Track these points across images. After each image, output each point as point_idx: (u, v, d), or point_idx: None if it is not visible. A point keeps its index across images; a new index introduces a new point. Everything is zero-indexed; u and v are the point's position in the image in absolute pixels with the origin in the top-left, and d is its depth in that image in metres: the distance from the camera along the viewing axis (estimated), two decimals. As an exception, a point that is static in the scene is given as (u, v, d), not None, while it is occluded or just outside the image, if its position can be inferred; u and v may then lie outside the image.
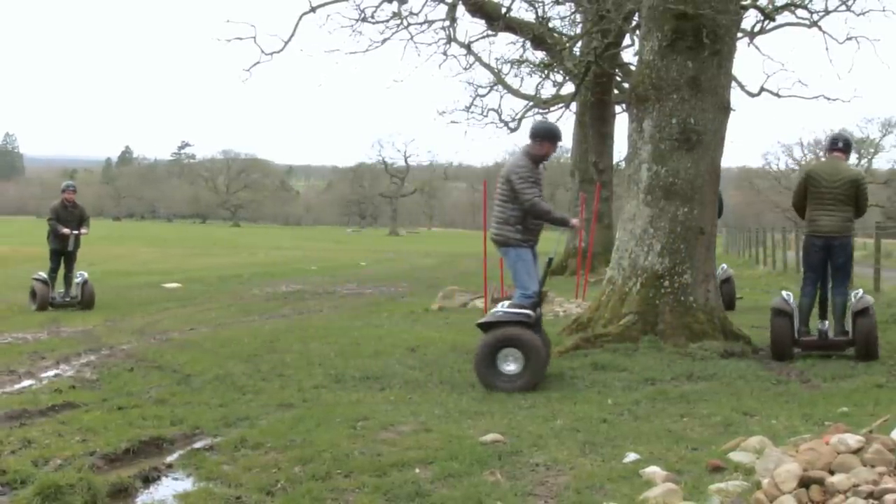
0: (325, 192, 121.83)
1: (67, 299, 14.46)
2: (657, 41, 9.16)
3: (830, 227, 8.58)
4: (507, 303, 7.43)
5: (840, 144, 8.84)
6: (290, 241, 57.62)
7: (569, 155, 27.84)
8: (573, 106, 23.47)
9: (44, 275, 14.43)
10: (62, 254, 14.61)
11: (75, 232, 14.57)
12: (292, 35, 17.67)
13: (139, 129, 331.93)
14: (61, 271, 14.60)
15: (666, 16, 9.06)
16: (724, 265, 13.21)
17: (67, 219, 14.59)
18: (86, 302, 14.43)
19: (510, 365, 7.02)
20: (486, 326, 7.22)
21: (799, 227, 9.22)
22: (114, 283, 19.80)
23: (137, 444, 5.45)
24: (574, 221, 7.71)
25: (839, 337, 8.54)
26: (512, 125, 25.77)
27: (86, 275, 14.81)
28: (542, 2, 21.47)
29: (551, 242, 8.17)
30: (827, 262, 8.70)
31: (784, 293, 8.90)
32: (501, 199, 7.38)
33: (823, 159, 9.04)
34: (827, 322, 8.70)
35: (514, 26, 20.33)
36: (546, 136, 7.47)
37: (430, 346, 9.34)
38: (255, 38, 16.97)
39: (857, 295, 8.59)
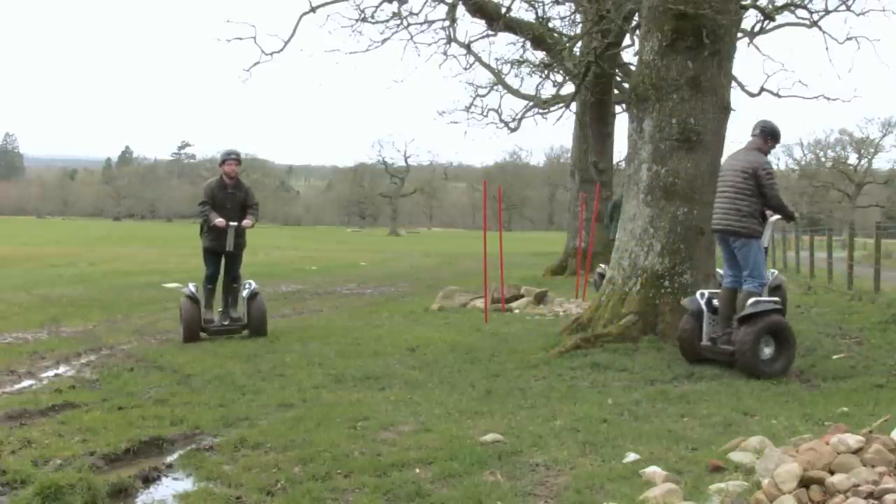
0: (325, 192, 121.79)
1: (226, 323, 10.16)
2: (657, 41, 9.16)
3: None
4: (752, 298, 7.65)
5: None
6: (290, 240, 57.55)
7: (569, 155, 27.80)
8: (573, 106, 23.45)
9: (194, 288, 10.16)
10: (220, 255, 10.31)
11: (234, 224, 10.15)
12: (292, 35, 17.70)
13: (139, 129, 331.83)
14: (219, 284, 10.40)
15: (666, 16, 9.07)
16: (775, 271, 11.58)
17: (225, 203, 10.15)
18: (255, 325, 10.11)
19: (765, 350, 7.54)
20: (745, 319, 7.58)
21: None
22: (114, 283, 19.80)
23: (137, 444, 5.47)
24: (796, 214, 8.21)
25: None
26: (512, 125, 25.79)
27: (254, 284, 10.39)
28: (542, 2, 21.49)
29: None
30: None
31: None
32: (745, 194, 7.76)
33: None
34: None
35: (514, 26, 20.33)
36: (774, 134, 7.95)
37: (430, 346, 9.33)
38: (255, 38, 16.96)
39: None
